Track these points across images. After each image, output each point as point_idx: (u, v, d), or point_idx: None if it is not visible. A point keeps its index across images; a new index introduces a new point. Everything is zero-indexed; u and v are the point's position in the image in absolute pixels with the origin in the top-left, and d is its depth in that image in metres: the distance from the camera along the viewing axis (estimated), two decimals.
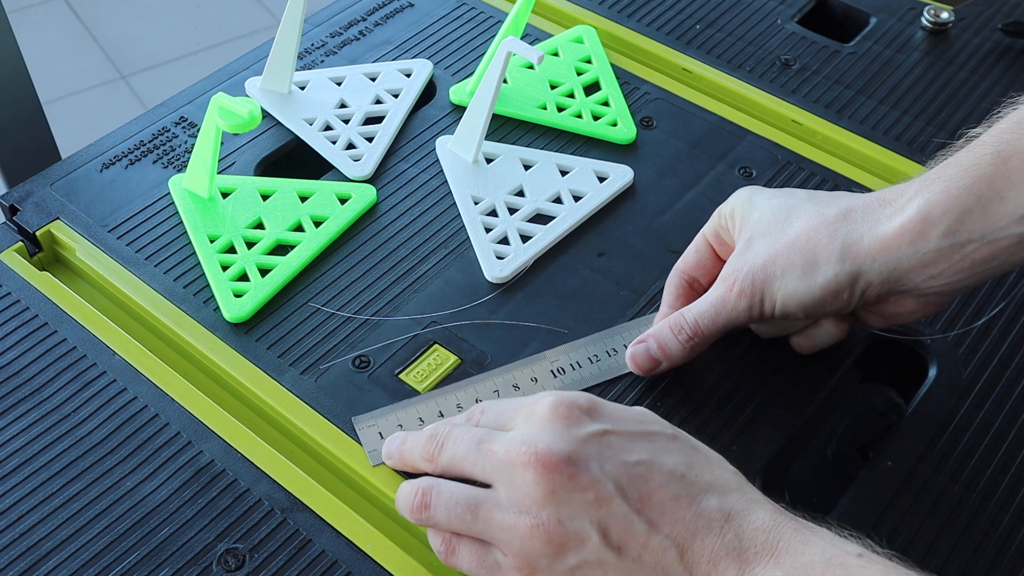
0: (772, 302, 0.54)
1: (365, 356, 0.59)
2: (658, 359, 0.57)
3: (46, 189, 0.67)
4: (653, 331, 0.57)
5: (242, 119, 0.61)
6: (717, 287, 0.56)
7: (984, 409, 0.58)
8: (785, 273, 0.54)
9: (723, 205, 0.58)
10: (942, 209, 0.51)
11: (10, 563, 0.50)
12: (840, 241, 0.53)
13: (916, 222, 0.51)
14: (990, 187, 0.50)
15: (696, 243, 0.60)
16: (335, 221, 0.66)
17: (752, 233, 0.56)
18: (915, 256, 0.52)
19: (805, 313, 0.55)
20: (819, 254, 0.53)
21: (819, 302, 0.54)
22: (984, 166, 0.51)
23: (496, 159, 0.70)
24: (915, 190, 0.52)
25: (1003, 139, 0.51)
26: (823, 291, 0.53)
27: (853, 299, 0.54)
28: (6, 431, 0.55)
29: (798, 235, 0.54)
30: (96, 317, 0.60)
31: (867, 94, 0.75)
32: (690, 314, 0.56)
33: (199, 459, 0.54)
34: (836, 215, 0.54)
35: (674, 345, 0.56)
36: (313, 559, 0.50)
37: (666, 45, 0.79)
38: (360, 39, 0.79)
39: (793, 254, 0.54)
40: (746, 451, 0.55)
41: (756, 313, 0.55)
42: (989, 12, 0.82)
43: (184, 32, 2.03)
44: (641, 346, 0.57)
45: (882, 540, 0.52)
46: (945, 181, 0.51)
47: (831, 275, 0.53)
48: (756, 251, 0.55)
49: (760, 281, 0.54)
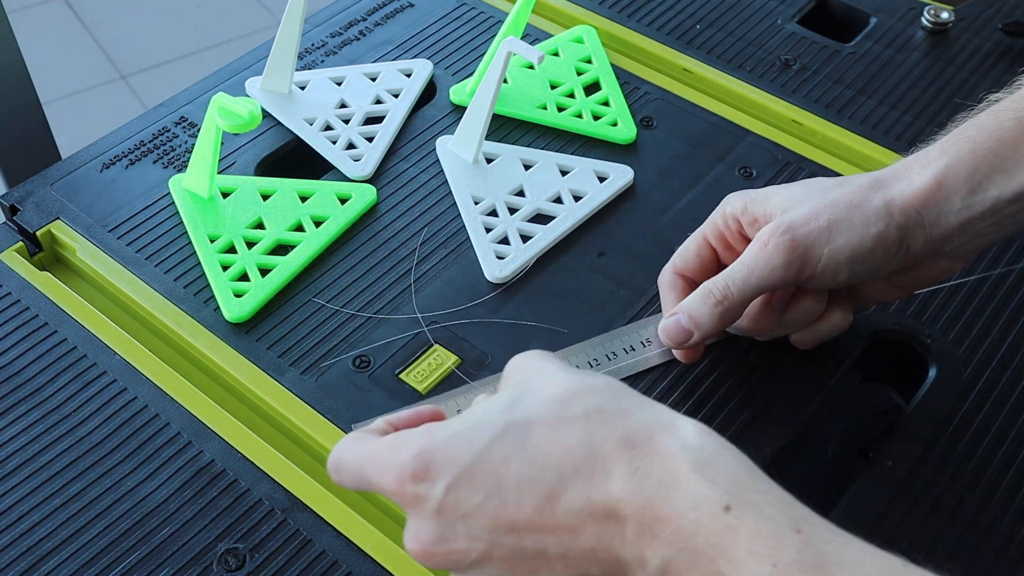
0: (816, 258, 0.53)
1: (365, 356, 0.59)
2: (689, 329, 0.55)
3: (46, 189, 0.67)
4: (684, 303, 0.55)
5: (242, 119, 0.61)
6: (750, 248, 0.54)
7: (984, 409, 0.58)
8: (832, 227, 0.53)
9: (722, 207, 0.57)
10: (969, 168, 0.52)
11: (10, 563, 0.50)
12: (882, 198, 0.53)
13: (945, 176, 0.52)
14: (1016, 150, 0.52)
15: (696, 244, 0.58)
16: (335, 221, 0.66)
17: (784, 208, 0.54)
18: (952, 212, 0.52)
19: (850, 271, 0.53)
20: (866, 209, 0.53)
21: (869, 256, 0.53)
22: (1008, 130, 0.52)
23: (496, 159, 0.70)
24: (940, 150, 0.53)
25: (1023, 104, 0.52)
26: (875, 242, 0.52)
27: (898, 257, 0.53)
28: (6, 431, 0.55)
29: (838, 197, 0.53)
30: (96, 317, 0.60)
31: (867, 94, 0.75)
32: (720, 278, 0.54)
33: (199, 459, 0.54)
34: (868, 182, 0.54)
35: (703, 311, 0.54)
36: (313, 559, 0.50)
37: (666, 45, 0.79)
38: (360, 39, 0.79)
39: (838, 212, 0.53)
40: (746, 451, 0.55)
41: (794, 271, 0.53)
42: (989, 12, 0.82)
43: (184, 32, 2.03)
44: (672, 319, 0.55)
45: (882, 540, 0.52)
46: (970, 142, 0.52)
47: (882, 226, 0.52)
48: (793, 213, 0.53)
49: (803, 236, 0.53)
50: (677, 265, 0.59)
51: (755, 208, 0.56)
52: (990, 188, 0.52)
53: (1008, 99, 0.53)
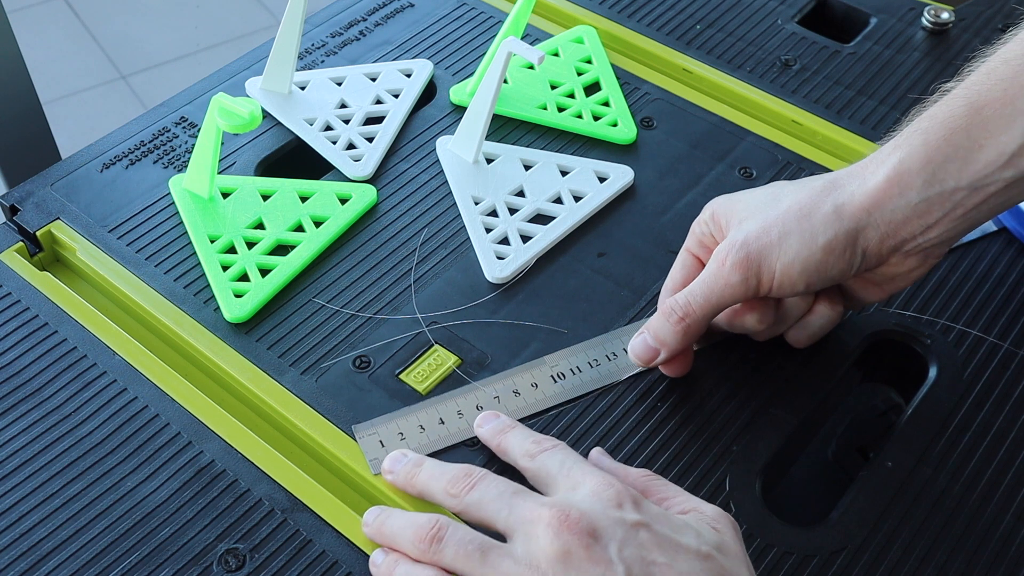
0: (771, 273, 0.54)
1: (365, 356, 0.59)
2: (656, 348, 0.56)
3: (46, 189, 0.67)
4: (650, 321, 0.57)
5: (242, 119, 0.61)
6: (709, 266, 0.55)
7: (984, 409, 0.58)
8: (783, 240, 0.53)
9: (700, 216, 0.58)
10: (922, 160, 0.52)
11: (10, 563, 0.50)
12: (832, 203, 0.53)
13: (898, 172, 0.52)
14: (968, 137, 0.51)
15: (681, 260, 0.59)
16: (335, 221, 0.66)
17: (741, 217, 0.55)
18: (907, 207, 0.52)
19: (806, 282, 0.54)
20: (815, 218, 0.53)
21: (821, 265, 0.53)
22: (959, 118, 0.52)
23: (496, 159, 0.70)
24: (893, 146, 0.54)
25: (974, 90, 0.52)
26: (825, 252, 0.53)
27: (855, 260, 0.53)
28: (6, 431, 0.55)
29: (790, 206, 0.54)
30: (96, 317, 0.60)
31: (867, 94, 0.75)
32: (681, 296, 0.55)
33: (199, 459, 0.54)
34: (823, 185, 0.54)
35: (666, 330, 0.56)
36: (313, 559, 0.50)
37: (666, 45, 0.79)
38: (360, 39, 0.79)
39: (788, 222, 0.53)
40: (746, 451, 0.55)
41: (752, 287, 0.54)
42: (989, 12, 0.82)
43: (184, 32, 2.03)
44: (639, 338, 0.57)
45: (882, 540, 0.52)
46: (922, 135, 0.52)
47: (831, 234, 0.53)
48: (748, 227, 0.54)
49: (756, 252, 0.53)
50: (668, 285, 0.59)
51: (721, 214, 0.57)
52: (946, 179, 0.52)
53: (959, 86, 0.53)
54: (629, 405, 0.57)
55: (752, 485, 0.54)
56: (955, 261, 0.64)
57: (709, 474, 0.54)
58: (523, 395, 0.57)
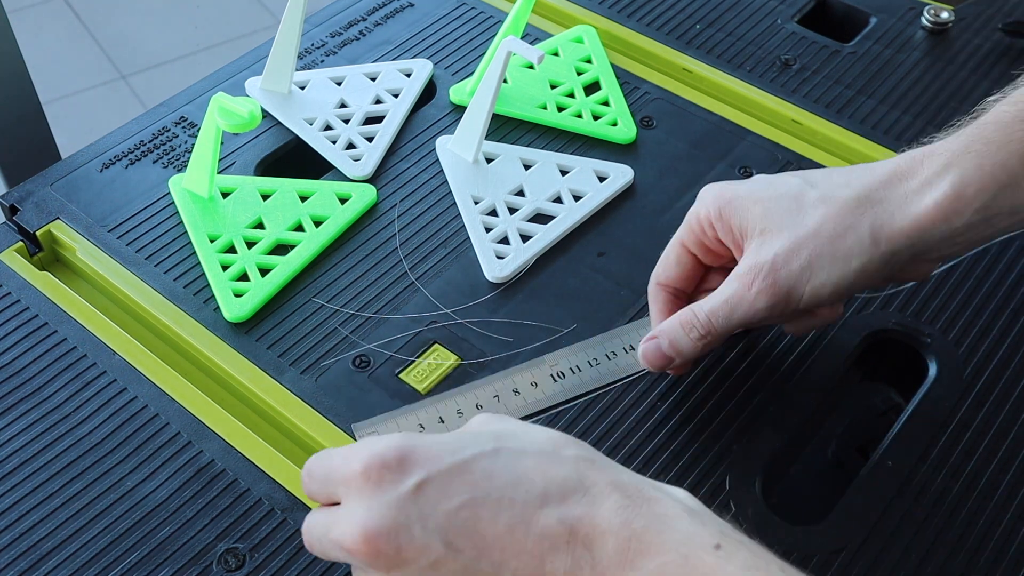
0: (799, 296, 0.52)
1: (365, 356, 0.59)
2: (670, 356, 0.55)
3: (46, 189, 0.67)
4: (664, 328, 0.55)
5: (242, 119, 0.61)
6: (732, 284, 0.54)
7: (984, 409, 0.58)
8: (813, 263, 0.52)
9: (696, 210, 0.56)
10: (977, 187, 0.50)
11: (10, 563, 0.50)
12: (868, 225, 0.51)
13: (951, 199, 0.50)
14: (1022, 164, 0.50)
15: (675, 253, 0.58)
16: (335, 221, 0.66)
17: (763, 228, 0.53)
18: (948, 230, 0.51)
19: (834, 300, 0.53)
20: (848, 240, 0.51)
21: (853, 287, 0.53)
22: (1016, 143, 0.50)
23: (496, 159, 0.70)
24: (942, 165, 0.51)
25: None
26: (858, 274, 0.52)
27: (886, 276, 0.53)
28: (6, 431, 0.55)
29: (820, 225, 0.52)
30: (96, 317, 0.60)
31: (867, 94, 0.75)
32: (703, 312, 0.54)
33: (199, 459, 0.54)
34: (855, 199, 0.52)
35: (686, 343, 0.55)
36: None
37: (666, 45, 0.79)
38: (360, 39, 0.79)
39: (820, 244, 0.52)
40: (746, 451, 0.55)
41: (779, 310, 0.53)
42: (989, 12, 0.82)
43: (184, 32, 2.03)
44: (652, 343, 0.56)
45: (882, 540, 0.52)
46: (977, 158, 0.51)
47: (866, 259, 0.51)
48: (774, 246, 0.53)
49: (784, 278, 0.52)
50: (659, 276, 0.58)
51: (731, 216, 0.55)
52: (993, 206, 0.51)
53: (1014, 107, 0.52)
54: (629, 404, 0.57)
55: (752, 485, 0.54)
56: (955, 261, 0.64)
57: (709, 474, 0.54)
58: (523, 394, 0.57)
